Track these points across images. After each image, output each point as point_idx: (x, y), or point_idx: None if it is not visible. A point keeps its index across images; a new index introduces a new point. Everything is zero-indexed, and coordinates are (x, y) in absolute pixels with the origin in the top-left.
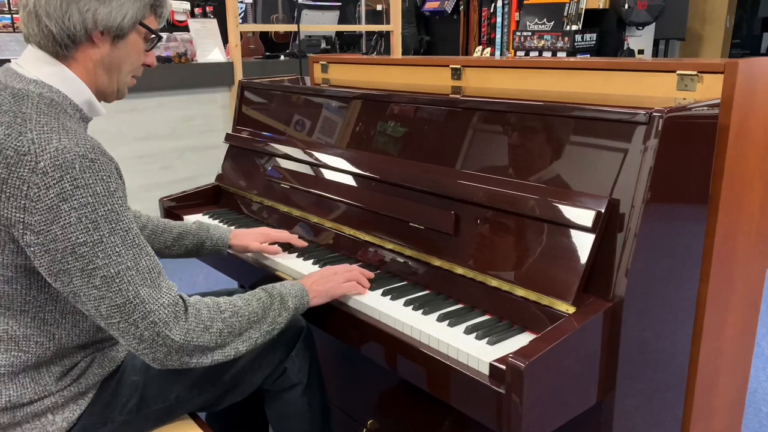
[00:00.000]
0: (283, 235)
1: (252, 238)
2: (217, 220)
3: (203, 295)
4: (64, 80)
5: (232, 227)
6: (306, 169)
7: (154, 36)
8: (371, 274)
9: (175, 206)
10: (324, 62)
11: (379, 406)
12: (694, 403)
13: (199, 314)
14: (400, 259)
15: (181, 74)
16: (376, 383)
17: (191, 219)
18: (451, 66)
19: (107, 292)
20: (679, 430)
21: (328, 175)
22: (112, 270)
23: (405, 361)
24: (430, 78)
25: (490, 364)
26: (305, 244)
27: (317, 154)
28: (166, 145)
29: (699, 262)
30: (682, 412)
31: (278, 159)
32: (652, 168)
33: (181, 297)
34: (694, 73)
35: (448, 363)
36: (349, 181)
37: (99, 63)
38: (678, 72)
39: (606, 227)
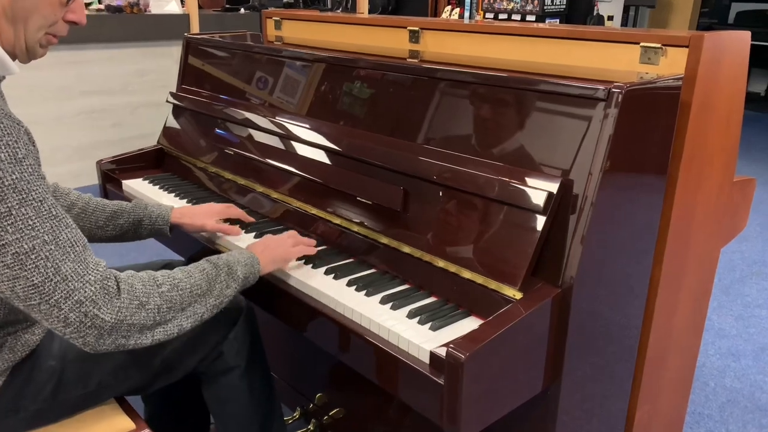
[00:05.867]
0: (232, 211)
1: (206, 216)
2: (158, 186)
3: (138, 269)
4: None
5: (174, 205)
6: (253, 136)
7: None
8: (312, 242)
9: (115, 169)
10: (277, 18)
11: (328, 380)
12: (643, 380)
13: (132, 290)
14: (348, 236)
15: (133, 26)
16: (324, 357)
17: (131, 184)
18: (408, 28)
19: (21, 271)
20: (627, 404)
21: (275, 142)
22: (25, 245)
23: (347, 346)
24: (387, 40)
25: (431, 353)
26: (253, 220)
27: (265, 120)
28: (118, 101)
29: (654, 243)
30: (630, 386)
31: (225, 123)
32: (610, 146)
33: (113, 273)
34: (658, 45)
35: (388, 350)
36: (298, 150)
37: (0, 13)
38: (642, 44)
39: (558, 209)
